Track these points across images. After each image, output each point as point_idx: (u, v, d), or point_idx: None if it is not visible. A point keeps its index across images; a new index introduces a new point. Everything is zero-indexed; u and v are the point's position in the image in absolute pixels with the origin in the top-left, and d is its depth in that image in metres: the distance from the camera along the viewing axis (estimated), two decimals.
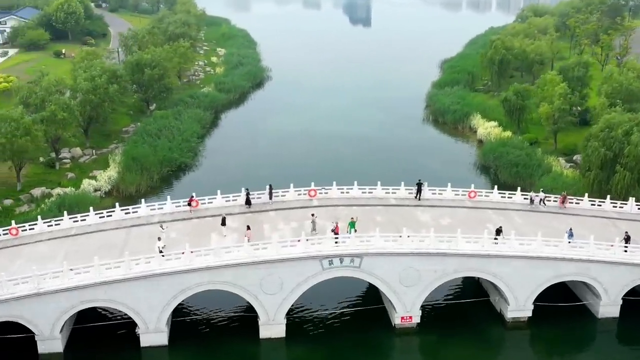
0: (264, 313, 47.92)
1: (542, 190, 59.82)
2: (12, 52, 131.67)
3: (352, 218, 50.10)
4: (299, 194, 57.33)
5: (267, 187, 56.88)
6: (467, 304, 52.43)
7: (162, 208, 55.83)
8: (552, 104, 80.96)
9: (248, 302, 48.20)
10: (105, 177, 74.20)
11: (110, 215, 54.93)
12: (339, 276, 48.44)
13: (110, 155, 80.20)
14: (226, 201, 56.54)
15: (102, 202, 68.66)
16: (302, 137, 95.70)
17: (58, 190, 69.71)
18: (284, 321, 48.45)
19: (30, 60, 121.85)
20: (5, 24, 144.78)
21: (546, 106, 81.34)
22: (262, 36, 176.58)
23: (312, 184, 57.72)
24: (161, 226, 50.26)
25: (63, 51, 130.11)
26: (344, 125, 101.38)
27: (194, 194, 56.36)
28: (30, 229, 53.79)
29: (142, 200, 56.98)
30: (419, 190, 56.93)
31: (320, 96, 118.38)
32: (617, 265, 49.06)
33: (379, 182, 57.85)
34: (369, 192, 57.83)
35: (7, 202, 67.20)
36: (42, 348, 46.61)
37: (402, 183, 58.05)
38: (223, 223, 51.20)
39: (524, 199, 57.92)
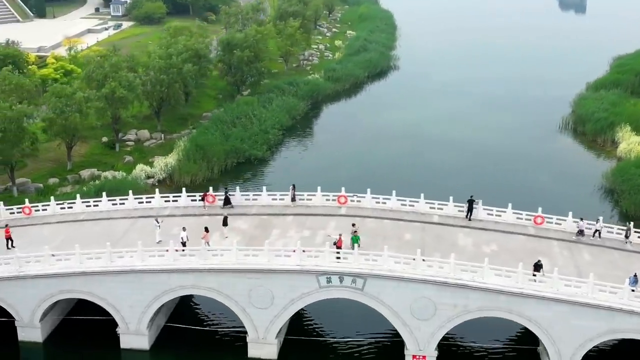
0: (252, 329, 48.60)
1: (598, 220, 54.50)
2: (126, 25, 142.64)
3: (354, 231, 49.16)
4: (327, 199, 57.26)
5: (291, 187, 57.40)
6: (505, 350, 49.56)
7: (176, 200, 58.30)
8: None
9: None
10: (161, 164, 78.34)
11: (123, 204, 58.30)
12: (339, 298, 47.86)
13: (177, 141, 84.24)
14: (245, 200, 57.81)
15: (150, 190, 71.76)
16: (404, 139, 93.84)
17: (107, 174, 74.85)
18: (276, 342, 48.75)
19: (140, 34, 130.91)
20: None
21: None
22: (410, 20, 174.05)
23: (369, 190, 57.54)
24: (156, 220, 52.55)
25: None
26: (460, 130, 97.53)
27: (210, 189, 58.34)
28: (43, 210, 58.61)
29: (157, 190, 59.77)
30: (469, 209, 54.52)
31: (445, 92, 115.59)
32: None
33: (422, 195, 56.04)
34: (410, 205, 56.29)
35: (53, 180, 73.56)
36: (22, 335, 50.86)
37: (451, 198, 55.83)
38: (224, 223, 52.54)
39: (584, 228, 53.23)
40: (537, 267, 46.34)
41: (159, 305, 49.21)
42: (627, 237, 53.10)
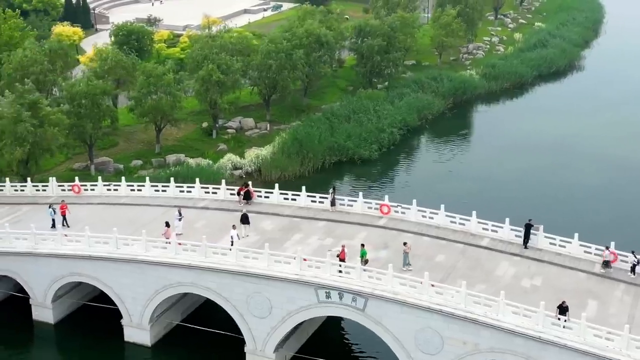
0: (250, 339, 49.75)
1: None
2: (287, 6, 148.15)
3: (362, 245, 48.55)
4: (368, 207, 56.80)
5: (331, 190, 57.78)
6: None
7: (215, 193, 60.69)
8: None
9: None
10: (252, 156, 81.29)
11: (165, 191, 61.77)
12: (339, 316, 47.75)
13: (279, 133, 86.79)
14: (284, 199, 58.90)
15: (234, 182, 74.33)
16: (551, 152, 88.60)
17: (192, 160, 79.13)
18: (274, 356, 49.46)
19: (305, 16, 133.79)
20: None
21: None
22: (631, 14, 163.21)
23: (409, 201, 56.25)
24: (178, 211, 55.05)
25: (337, 12, 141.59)
26: (630, 150, 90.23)
27: (249, 183, 60.02)
28: (91, 190, 63.63)
29: (197, 180, 62.45)
30: (526, 234, 51.64)
31: (629, 104, 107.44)
32: None
33: (474, 213, 53.84)
34: (459, 224, 54.31)
35: (137, 162, 79.21)
36: (35, 314, 55.87)
37: (507, 220, 53.12)
38: (244, 221, 53.89)
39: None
40: (563, 309, 43.12)
41: (160, 300, 51.65)
42: (606, 265, 49.39)
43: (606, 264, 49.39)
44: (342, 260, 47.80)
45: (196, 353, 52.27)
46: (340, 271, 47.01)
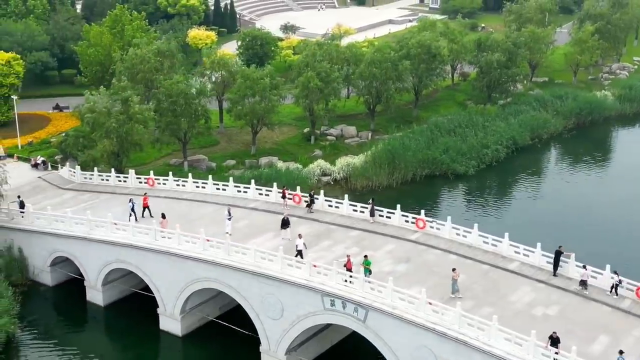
0: (265, 339, 50.78)
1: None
2: (431, 18, 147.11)
3: (365, 256, 48.04)
4: (405, 220, 55.99)
5: (370, 201, 57.45)
6: None
7: (267, 195, 62.02)
8: None
9: None
10: (342, 164, 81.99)
11: (225, 190, 63.89)
12: (343, 325, 47.71)
13: (377, 143, 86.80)
14: (328, 205, 59.31)
15: (319, 188, 75.23)
16: None
17: (282, 164, 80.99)
18: (285, 358, 50.10)
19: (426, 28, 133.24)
20: None
21: None
22: None
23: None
24: (228, 211, 56.79)
25: (482, 25, 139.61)
26: None
27: (298, 188, 60.94)
28: (163, 184, 66.91)
29: (252, 181, 63.82)
30: (556, 261, 49.17)
31: None
32: None
33: (507, 235, 51.79)
34: (492, 245, 52.42)
35: (230, 162, 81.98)
36: (89, 296, 59.70)
37: (539, 245, 50.71)
38: (284, 225, 54.85)
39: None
40: (554, 340, 40.94)
41: (189, 293, 53.63)
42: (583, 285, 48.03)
43: (583, 283, 47.77)
44: (349, 269, 47.73)
45: (222, 349, 53.75)
46: (345, 280, 46.99)
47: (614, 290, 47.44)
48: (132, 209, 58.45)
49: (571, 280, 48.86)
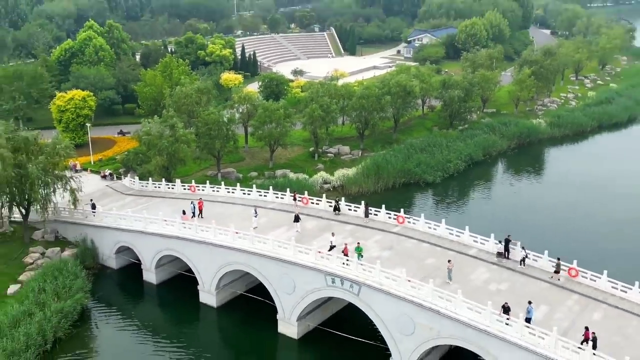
0: (281, 309, 49.79)
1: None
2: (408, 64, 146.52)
3: (358, 243, 47.14)
4: (389, 217, 55.07)
5: (364, 203, 56.49)
6: None
7: (282, 198, 61.09)
8: None
9: None
10: (339, 174, 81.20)
11: (249, 194, 62.98)
12: (342, 298, 46.70)
13: (366, 159, 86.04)
14: (330, 206, 58.35)
15: (320, 193, 74.72)
16: (589, 190, 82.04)
17: (293, 175, 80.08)
18: (296, 324, 49.14)
19: (402, 72, 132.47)
20: (420, 41, 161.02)
21: None
22: None
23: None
24: (255, 210, 55.86)
25: (445, 70, 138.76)
26: None
27: (306, 192, 60.01)
28: (202, 190, 65.97)
29: (270, 188, 63.00)
30: (506, 248, 48.21)
31: None
32: None
33: (467, 227, 50.92)
34: (456, 235, 51.47)
35: (253, 174, 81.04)
36: (145, 276, 58.66)
37: (492, 236, 49.83)
38: (296, 220, 54.09)
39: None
40: (505, 309, 39.94)
41: (223, 273, 52.67)
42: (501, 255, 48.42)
43: (499, 254, 48.12)
44: (346, 254, 46.87)
45: (247, 316, 52.78)
46: (343, 263, 46.10)
47: (522, 262, 47.14)
48: (194, 209, 57.75)
49: (517, 262, 47.98)
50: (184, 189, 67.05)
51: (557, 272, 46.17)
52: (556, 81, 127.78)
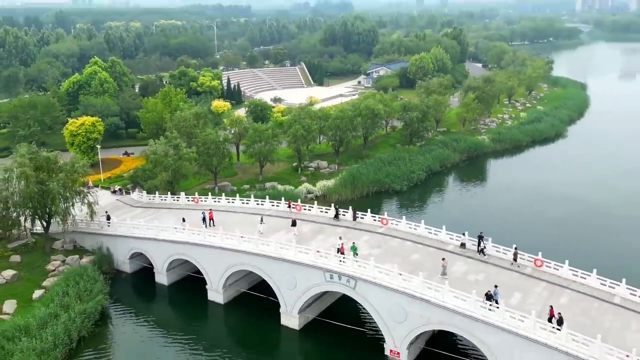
0: (283, 304, 47.47)
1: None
2: (368, 92, 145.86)
3: (353, 243, 45.35)
4: (374, 220, 53.41)
5: (351, 208, 54.80)
6: None
7: (278, 206, 58.93)
8: None
9: None
10: (321, 185, 79.30)
11: (247, 203, 60.56)
12: (339, 292, 44.65)
13: (342, 171, 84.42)
14: (320, 211, 56.38)
15: (306, 201, 72.55)
16: (527, 192, 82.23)
17: (281, 187, 77.78)
18: (298, 316, 46.90)
19: (369, 97, 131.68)
20: (377, 73, 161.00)
21: None
22: (608, 105, 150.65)
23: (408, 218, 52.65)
24: (261, 218, 53.46)
25: (401, 97, 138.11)
26: (592, 192, 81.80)
27: (299, 200, 57.90)
28: (204, 201, 63.22)
29: (267, 197, 60.59)
30: (479, 243, 46.94)
31: (596, 162, 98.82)
32: None
33: (444, 227, 49.59)
34: (434, 234, 50.06)
35: (246, 186, 78.40)
36: (157, 278, 55.59)
37: (466, 233, 48.59)
38: (293, 224, 51.94)
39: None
40: (488, 296, 38.52)
41: (229, 273, 50.12)
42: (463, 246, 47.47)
43: (462, 245, 47.26)
44: (342, 253, 44.94)
45: (251, 311, 50.31)
46: (340, 260, 44.16)
47: (481, 252, 46.29)
48: (204, 218, 54.86)
49: (489, 256, 46.77)
50: (188, 200, 64.25)
51: (515, 260, 45.20)
52: (494, 104, 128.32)
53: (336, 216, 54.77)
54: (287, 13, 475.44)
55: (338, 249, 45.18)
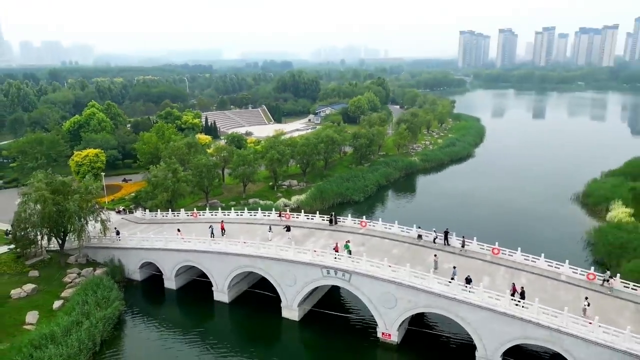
0: (284, 298, 42.91)
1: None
2: (319, 127, 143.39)
3: (347, 241, 41.71)
4: (354, 222, 49.97)
5: (332, 214, 51.14)
6: (456, 341, 38.57)
7: (269, 215, 54.48)
8: None
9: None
10: (295, 199, 75.19)
11: (241, 215, 55.66)
12: (335, 285, 40.58)
13: (310, 188, 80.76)
14: (306, 218, 52.40)
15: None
16: (458, 197, 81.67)
17: (262, 202, 72.99)
18: (297, 309, 42.45)
19: (327, 128, 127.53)
20: (324, 112, 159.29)
21: None
22: (499, 133, 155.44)
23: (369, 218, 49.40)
24: (270, 227, 48.75)
25: (347, 130, 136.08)
26: (501, 194, 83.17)
27: (287, 209, 53.75)
28: (202, 215, 57.68)
29: (259, 209, 56.02)
30: (445, 237, 44.37)
31: (501, 172, 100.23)
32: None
33: (414, 226, 46.82)
34: (407, 231, 47.17)
35: (232, 202, 73.01)
36: (166, 284, 49.49)
37: (434, 229, 45.94)
38: (287, 229, 47.65)
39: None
40: (467, 280, 35.75)
41: (233, 275, 45.12)
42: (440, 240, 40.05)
43: (419, 237, 45.05)
44: (336, 251, 41.10)
45: (254, 306, 45.39)
46: (335, 257, 40.27)
47: (434, 241, 44.48)
48: (212, 232, 49.13)
49: (455, 247, 44.27)
50: (188, 215, 58.54)
51: (462, 246, 42.98)
52: (420, 133, 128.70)
53: (331, 221, 50.81)
54: (241, 70, 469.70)
55: (334, 247, 41.31)
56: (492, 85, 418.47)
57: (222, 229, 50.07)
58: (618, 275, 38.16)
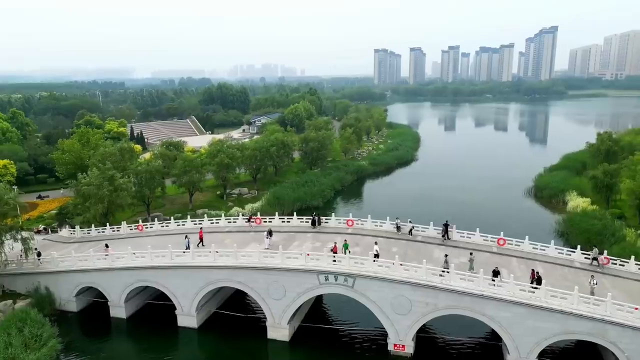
0: (270, 316, 35.67)
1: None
2: (256, 136, 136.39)
3: (345, 240, 36.00)
4: (339, 222, 44.27)
5: (314, 214, 45.12)
6: (473, 345, 33.84)
7: (235, 222, 46.96)
8: (634, 180, 55.99)
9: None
10: (250, 207, 67.71)
11: (200, 224, 47.55)
12: (336, 293, 34.30)
13: (264, 195, 73.74)
14: (282, 222, 45.75)
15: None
16: (411, 197, 78.88)
17: (213, 212, 64.62)
18: (288, 327, 35.39)
19: (275, 132, 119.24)
20: (260, 121, 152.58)
21: (627, 182, 56.54)
22: (432, 139, 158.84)
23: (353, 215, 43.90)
24: (268, 233, 40.93)
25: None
26: (456, 193, 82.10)
27: (258, 213, 46.57)
28: (150, 228, 48.60)
29: (222, 214, 48.36)
30: (445, 231, 40.11)
31: (444, 173, 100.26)
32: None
33: (409, 220, 42.26)
34: (399, 229, 42.33)
35: (178, 214, 63.85)
36: (112, 312, 39.93)
37: (431, 224, 41.62)
38: (269, 234, 40.52)
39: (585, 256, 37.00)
40: (495, 273, 31.45)
41: (204, 293, 37.08)
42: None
43: (398, 228, 41.62)
44: (335, 252, 34.97)
45: (229, 331, 37.55)
46: (334, 260, 34.12)
47: (410, 232, 41.08)
48: (188, 245, 39.88)
49: (456, 241, 40.08)
50: (130, 229, 49.02)
51: (443, 236, 39.30)
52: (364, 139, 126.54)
53: (314, 222, 44.55)
54: (157, 86, 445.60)
55: (331, 249, 35.13)
56: (410, 98, 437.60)
57: (201, 238, 41.80)
58: (605, 252, 36.60)
